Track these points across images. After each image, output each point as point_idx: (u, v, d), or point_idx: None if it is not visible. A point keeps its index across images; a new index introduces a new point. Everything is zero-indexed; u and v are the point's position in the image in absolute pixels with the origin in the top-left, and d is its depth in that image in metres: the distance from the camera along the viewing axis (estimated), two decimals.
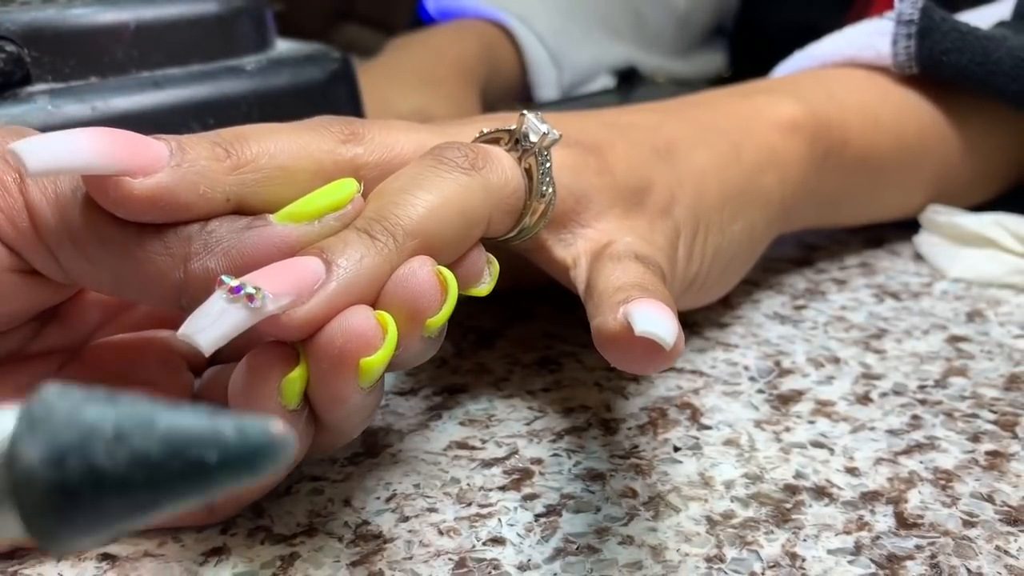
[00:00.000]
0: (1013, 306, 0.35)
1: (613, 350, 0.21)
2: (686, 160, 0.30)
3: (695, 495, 0.24)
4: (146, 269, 0.20)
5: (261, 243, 0.20)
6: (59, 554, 0.23)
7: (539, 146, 0.24)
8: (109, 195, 0.19)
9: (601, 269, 0.24)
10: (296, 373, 0.20)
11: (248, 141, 0.21)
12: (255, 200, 0.21)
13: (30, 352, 0.23)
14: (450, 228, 0.22)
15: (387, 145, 0.24)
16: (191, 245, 0.20)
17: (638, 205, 0.27)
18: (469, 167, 0.23)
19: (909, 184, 0.39)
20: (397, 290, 0.20)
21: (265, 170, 0.21)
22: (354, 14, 0.98)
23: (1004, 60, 0.36)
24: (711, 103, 0.35)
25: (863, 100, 0.37)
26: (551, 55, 0.66)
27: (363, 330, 0.20)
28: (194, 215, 0.20)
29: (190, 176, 0.20)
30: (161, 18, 0.30)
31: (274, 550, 0.23)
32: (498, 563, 0.22)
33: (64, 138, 0.19)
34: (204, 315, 0.18)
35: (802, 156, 0.34)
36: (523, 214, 0.24)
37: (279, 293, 0.19)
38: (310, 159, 0.22)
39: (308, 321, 0.19)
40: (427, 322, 0.21)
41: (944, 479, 0.25)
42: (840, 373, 0.30)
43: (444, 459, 0.26)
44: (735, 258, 0.32)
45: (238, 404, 0.21)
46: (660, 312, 0.20)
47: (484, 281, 0.23)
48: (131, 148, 0.19)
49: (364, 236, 0.21)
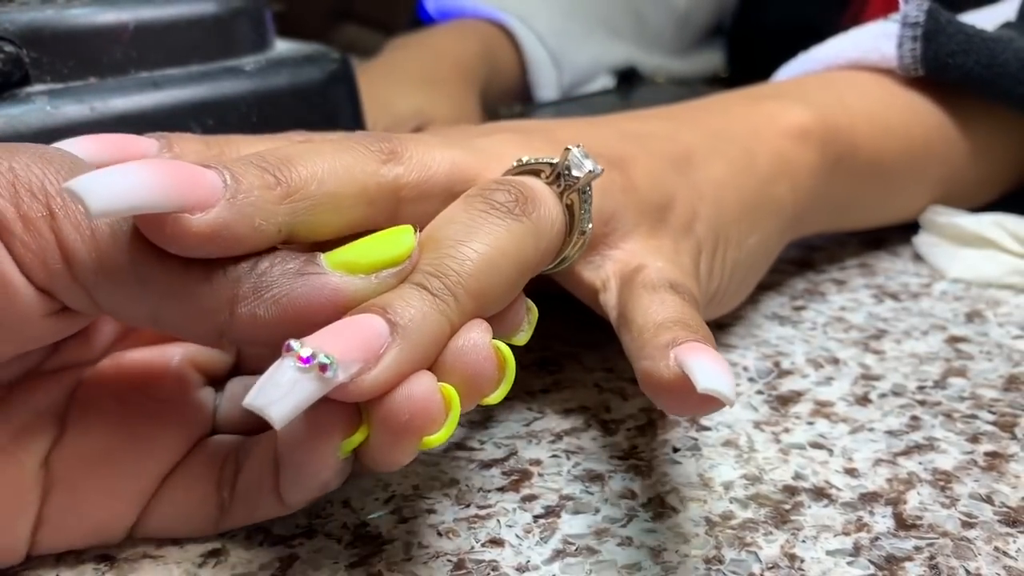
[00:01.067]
0: (1012, 307, 0.35)
1: (667, 398, 0.20)
2: (704, 172, 0.30)
3: (694, 496, 0.24)
4: (189, 310, 0.19)
5: (315, 296, 0.19)
6: (57, 555, 0.23)
7: (583, 183, 0.23)
8: (166, 232, 0.18)
9: (638, 301, 0.23)
10: (358, 436, 0.20)
11: (295, 166, 0.20)
12: (303, 229, 0.20)
13: (48, 368, 0.22)
14: (505, 281, 0.21)
15: (425, 164, 0.23)
16: (240, 288, 0.19)
17: (661, 222, 0.27)
18: (520, 213, 0.22)
19: (916, 188, 0.39)
20: (457, 363, 0.20)
21: (314, 197, 0.20)
22: (353, 14, 0.98)
23: (1010, 62, 0.36)
24: (722, 109, 0.35)
25: (871, 105, 0.37)
26: (551, 55, 0.66)
27: (429, 407, 0.19)
28: (246, 249, 0.19)
29: (246, 208, 0.19)
30: (160, 18, 0.30)
31: (273, 552, 0.23)
32: (497, 564, 0.22)
33: (123, 175, 0.18)
34: (275, 385, 0.17)
35: (813, 163, 0.34)
36: (562, 249, 0.24)
37: (347, 360, 0.18)
38: (355, 183, 0.21)
39: (377, 388, 0.19)
40: (483, 399, 0.20)
41: (943, 480, 0.25)
42: (839, 374, 0.30)
43: (443, 460, 0.26)
44: (751, 270, 0.32)
45: (294, 455, 0.21)
46: (719, 367, 0.20)
47: (523, 329, 0.23)
48: (189, 182, 0.18)
49: (425, 294, 0.20)
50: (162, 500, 0.23)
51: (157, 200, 0.18)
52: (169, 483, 0.23)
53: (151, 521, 0.23)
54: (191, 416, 0.23)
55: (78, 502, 0.22)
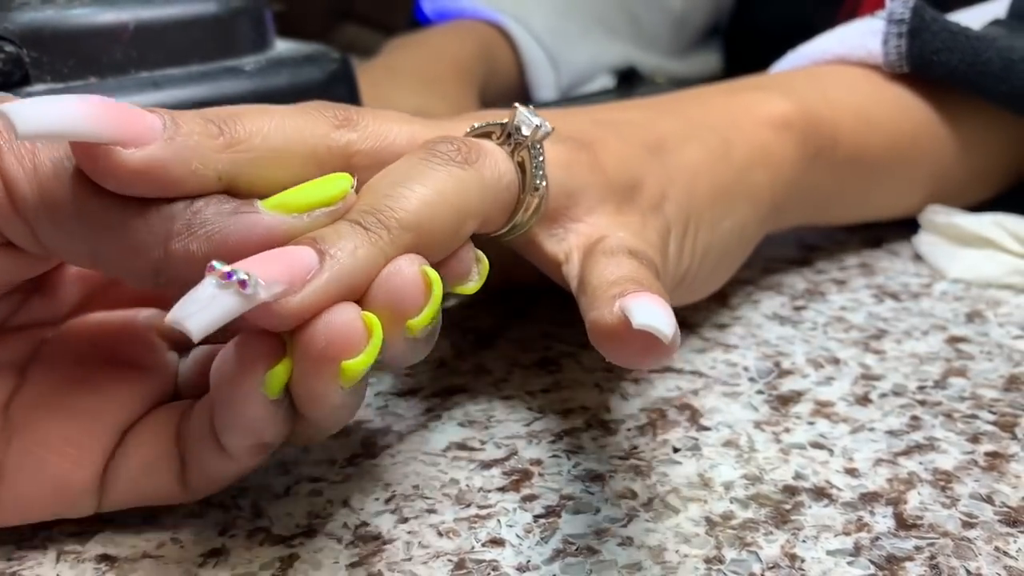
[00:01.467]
0: (1012, 307, 0.35)
1: (609, 344, 0.21)
2: (677, 157, 0.30)
3: (694, 496, 0.24)
4: (125, 244, 0.20)
5: (247, 231, 0.20)
6: (58, 554, 0.23)
7: (532, 139, 0.24)
8: (99, 164, 0.19)
9: (594, 264, 0.23)
10: (281, 366, 0.20)
11: (242, 120, 0.21)
12: (245, 181, 0.21)
13: (12, 325, 0.23)
14: (445, 222, 0.22)
15: (380, 134, 0.23)
16: (174, 224, 0.19)
17: (629, 201, 0.27)
18: (463, 160, 0.23)
19: (902, 183, 0.39)
20: (380, 287, 0.20)
21: (258, 150, 0.21)
22: (353, 14, 0.98)
23: (993, 61, 0.36)
24: (702, 99, 0.35)
25: (855, 98, 0.37)
26: (548, 55, 0.65)
27: (347, 331, 0.19)
28: (183, 191, 0.20)
29: (183, 151, 0.20)
30: (160, 18, 0.30)
31: (273, 551, 0.23)
32: (497, 564, 0.22)
33: (56, 103, 0.18)
34: (194, 300, 0.18)
35: (793, 154, 0.34)
36: (516, 209, 0.24)
37: (272, 280, 0.19)
38: (303, 143, 0.22)
39: (300, 310, 0.19)
40: (408, 323, 0.20)
41: (943, 480, 0.25)
42: (839, 374, 0.30)
43: (443, 460, 0.26)
44: (726, 255, 0.32)
45: (221, 391, 0.21)
46: (657, 305, 0.20)
47: (472, 279, 0.23)
48: (124, 117, 0.19)
49: (358, 228, 0.21)
50: (123, 458, 0.23)
51: (88, 128, 0.18)
52: (129, 440, 0.23)
53: (116, 482, 0.23)
54: (152, 377, 0.24)
55: (37, 447, 0.22)
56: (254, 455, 0.22)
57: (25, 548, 0.23)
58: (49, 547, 0.23)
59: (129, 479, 0.23)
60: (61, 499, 0.22)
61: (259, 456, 0.22)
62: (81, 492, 0.22)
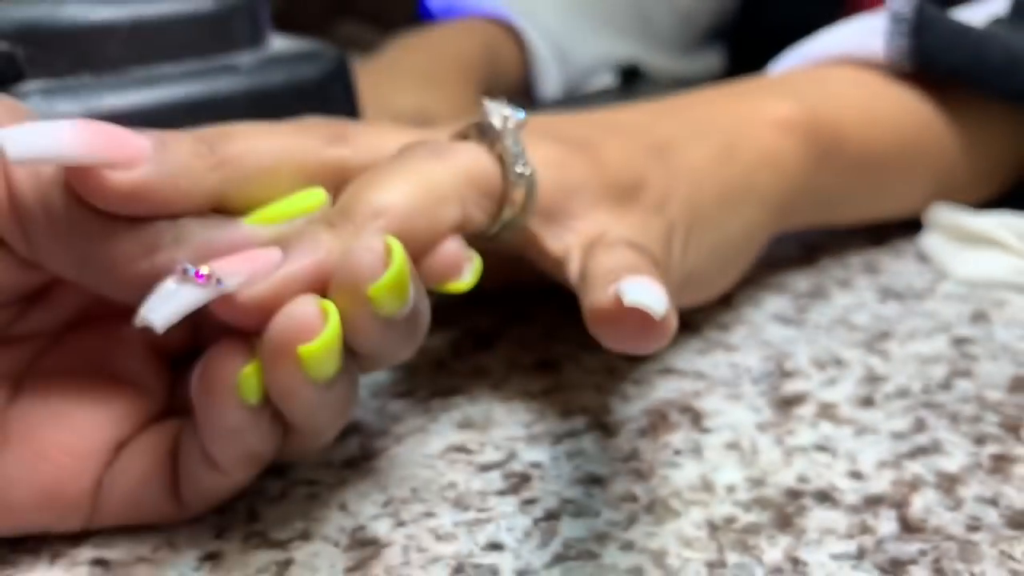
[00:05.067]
0: (1018, 308, 0.35)
1: (604, 327, 0.21)
2: (681, 158, 0.30)
3: (696, 499, 0.24)
4: (112, 254, 0.20)
5: (231, 240, 0.20)
6: (52, 557, 0.22)
7: (504, 128, 0.24)
8: (88, 185, 0.20)
9: (594, 258, 0.23)
10: (251, 367, 0.20)
11: (233, 139, 0.21)
12: (237, 200, 0.21)
13: (12, 335, 0.23)
14: (416, 204, 0.22)
15: (374, 147, 0.24)
16: (161, 237, 0.20)
17: (632, 200, 0.27)
18: (430, 156, 0.23)
19: (907, 182, 0.39)
20: (339, 265, 0.20)
21: (248, 169, 0.21)
22: (353, 9, 0.98)
23: (998, 57, 0.36)
24: (705, 102, 0.35)
25: (859, 98, 0.37)
26: (555, 52, 0.65)
27: (302, 317, 0.20)
28: (173, 212, 0.20)
29: (171, 172, 0.20)
30: (155, 15, 0.29)
31: (269, 555, 0.22)
32: (497, 569, 0.22)
33: (46, 128, 0.19)
34: (156, 297, 0.19)
35: (798, 155, 0.34)
36: (503, 203, 0.24)
37: (232, 273, 0.19)
38: (293, 161, 0.22)
39: (259, 300, 0.20)
40: (369, 293, 0.20)
41: (948, 483, 0.24)
42: (843, 375, 0.30)
43: (441, 463, 0.26)
44: (732, 254, 0.32)
45: (200, 401, 0.21)
46: (649, 283, 0.20)
47: (464, 276, 0.23)
48: (112, 141, 0.19)
49: (323, 225, 0.21)
50: (117, 472, 0.22)
51: (77, 153, 0.19)
52: (123, 454, 0.23)
53: (110, 496, 0.22)
54: (148, 393, 0.24)
55: (32, 456, 0.22)
56: (245, 468, 0.22)
57: (19, 552, 0.23)
58: (43, 551, 0.23)
59: (122, 493, 0.22)
60: (53, 510, 0.22)
61: (251, 469, 0.22)
62: (74, 504, 0.22)
